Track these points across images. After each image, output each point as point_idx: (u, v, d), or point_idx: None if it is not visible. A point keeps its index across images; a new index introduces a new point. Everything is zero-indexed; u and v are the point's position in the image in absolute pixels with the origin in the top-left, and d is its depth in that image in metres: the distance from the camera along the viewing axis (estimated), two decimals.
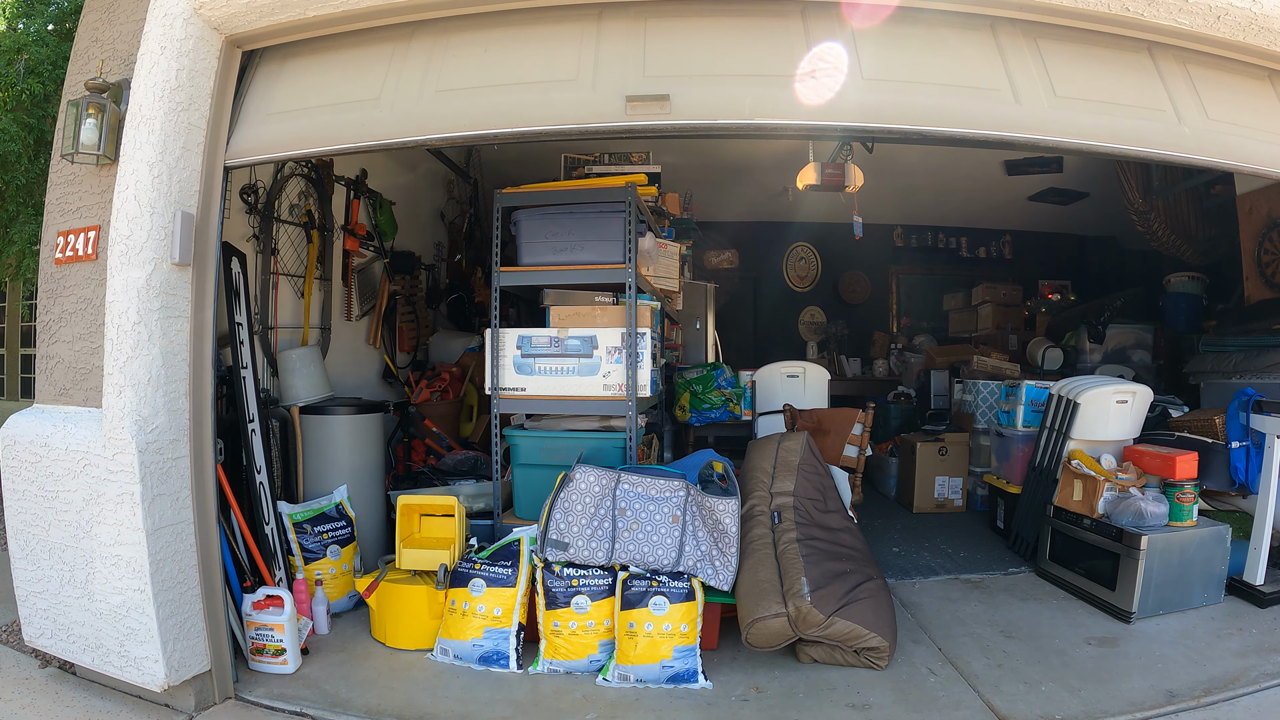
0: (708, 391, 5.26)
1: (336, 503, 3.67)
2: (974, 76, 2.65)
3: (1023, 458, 4.56)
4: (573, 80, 2.66)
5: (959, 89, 2.63)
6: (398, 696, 2.81)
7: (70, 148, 2.63)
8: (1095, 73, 2.72)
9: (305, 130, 2.78)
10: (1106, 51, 2.74)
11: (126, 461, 2.53)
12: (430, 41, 2.78)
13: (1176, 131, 2.71)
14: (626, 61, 2.66)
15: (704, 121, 2.61)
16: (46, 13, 4.82)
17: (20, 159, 4.54)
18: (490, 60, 2.74)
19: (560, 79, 2.68)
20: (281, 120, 2.83)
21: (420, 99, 2.73)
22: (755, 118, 2.59)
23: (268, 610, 2.94)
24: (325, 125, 2.76)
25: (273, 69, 2.91)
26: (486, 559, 3.15)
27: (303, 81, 2.87)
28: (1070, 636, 3.26)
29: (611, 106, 2.62)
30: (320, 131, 2.76)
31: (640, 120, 2.62)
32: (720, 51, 2.65)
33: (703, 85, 2.61)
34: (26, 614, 2.82)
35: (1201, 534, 3.48)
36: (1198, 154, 2.72)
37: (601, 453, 3.50)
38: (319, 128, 2.76)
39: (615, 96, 2.62)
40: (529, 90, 2.68)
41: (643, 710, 2.72)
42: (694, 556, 3.07)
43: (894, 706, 2.72)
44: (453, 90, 2.73)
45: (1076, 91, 2.67)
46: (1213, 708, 2.65)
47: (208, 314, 2.74)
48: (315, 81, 2.85)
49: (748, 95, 2.59)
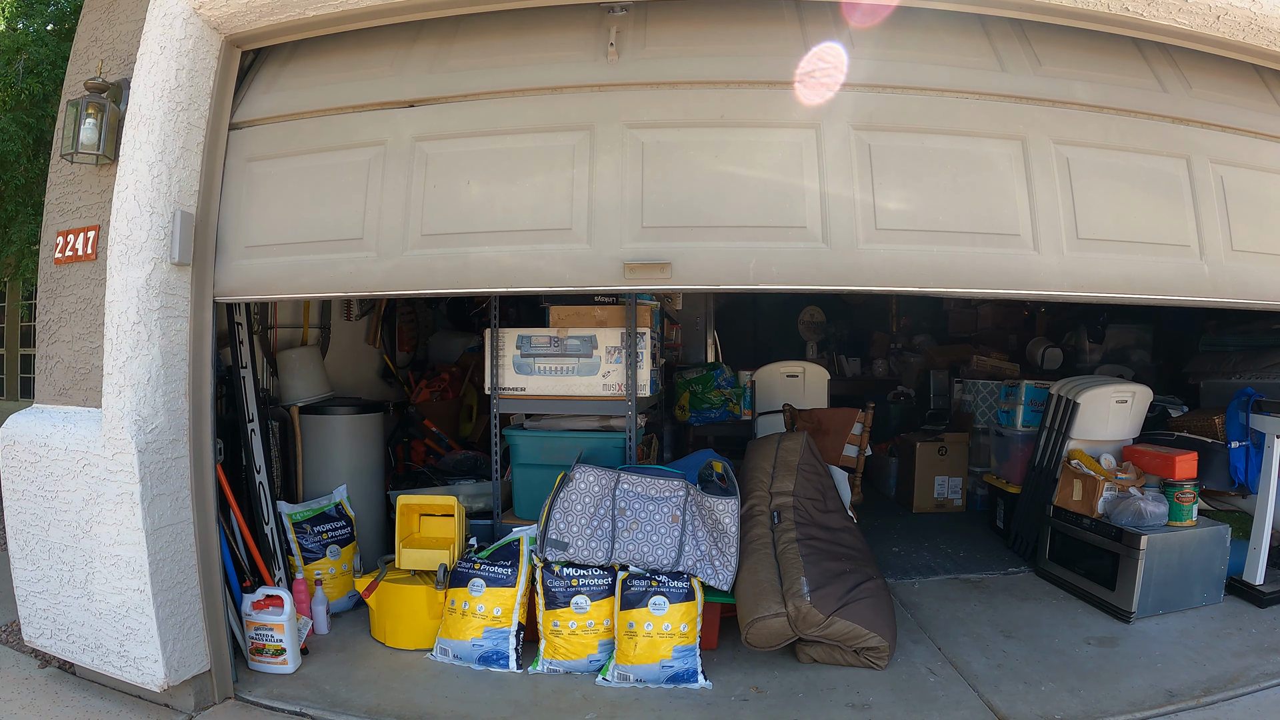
0: (707, 391, 5.26)
1: (336, 502, 3.67)
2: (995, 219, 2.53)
3: (1022, 457, 4.56)
4: (567, 230, 2.53)
5: (977, 236, 2.51)
6: (397, 696, 2.81)
7: (70, 147, 2.63)
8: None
9: (296, 270, 2.68)
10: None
11: (126, 461, 2.52)
12: (415, 171, 2.64)
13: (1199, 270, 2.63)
14: (623, 210, 2.51)
15: (706, 287, 2.53)
16: (46, 12, 4.83)
17: (19, 159, 4.54)
18: (475, 199, 2.59)
19: (553, 227, 2.54)
20: (266, 255, 2.73)
21: (405, 243, 2.60)
22: (760, 284, 2.47)
23: (267, 610, 2.94)
24: (315, 266, 2.66)
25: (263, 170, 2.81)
26: (486, 559, 3.15)
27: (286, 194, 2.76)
28: (1070, 636, 3.26)
29: (609, 269, 2.49)
30: (309, 276, 2.67)
31: (640, 286, 2.51)
32: (726, 200, 2.50)
33: (705, 241, 2.48)
34: (26, 614, 2.82)
35: (1201, 534, 3.48)
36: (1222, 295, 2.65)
37: (601, 452, 3.50)
38: (310, 267, 2.67)
39: (613, 261, 2.49)
40: (520, 240, 2.54)
41: (642, 710, 2.71)
42: (694, 556, 3.07)
43: (894, 706, 2.72)
44: (438, 235, 2.60)
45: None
46: (1212, 707, 2.65)
47: (207, 314, 2.73)
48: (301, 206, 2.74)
49: (751, 258, 2.46)
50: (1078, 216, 2.54)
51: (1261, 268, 2.70)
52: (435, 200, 2.61)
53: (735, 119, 2.53)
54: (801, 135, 2.52)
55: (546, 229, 2.54)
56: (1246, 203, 2.70)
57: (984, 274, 2.48)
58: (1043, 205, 2.52)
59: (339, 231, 2.67)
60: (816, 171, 2.50)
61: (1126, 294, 2.57)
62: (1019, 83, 2.60)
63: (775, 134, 2.54)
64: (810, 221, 2.48)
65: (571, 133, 2.58)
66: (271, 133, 2.79)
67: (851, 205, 2.47)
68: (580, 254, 2.51)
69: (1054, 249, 2.51)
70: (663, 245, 2.49)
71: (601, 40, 2.62)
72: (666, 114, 2.56)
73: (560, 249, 2.53)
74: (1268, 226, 2.73)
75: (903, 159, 2.52)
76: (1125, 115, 2.63)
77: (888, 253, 2.47)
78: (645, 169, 2.54)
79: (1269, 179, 2.75)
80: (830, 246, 2.47)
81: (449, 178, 2.62)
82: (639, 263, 2.47)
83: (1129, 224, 2.59)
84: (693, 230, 2.50)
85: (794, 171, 2.51)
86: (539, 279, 2.54)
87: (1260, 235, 2.71)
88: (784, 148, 2.53)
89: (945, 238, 2.49)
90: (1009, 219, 2.52)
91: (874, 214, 2.48)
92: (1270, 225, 2.73)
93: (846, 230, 2.47)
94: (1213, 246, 2.64)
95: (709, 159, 2.53)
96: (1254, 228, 2.70)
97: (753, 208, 2.50)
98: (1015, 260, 2.50)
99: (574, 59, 2.63)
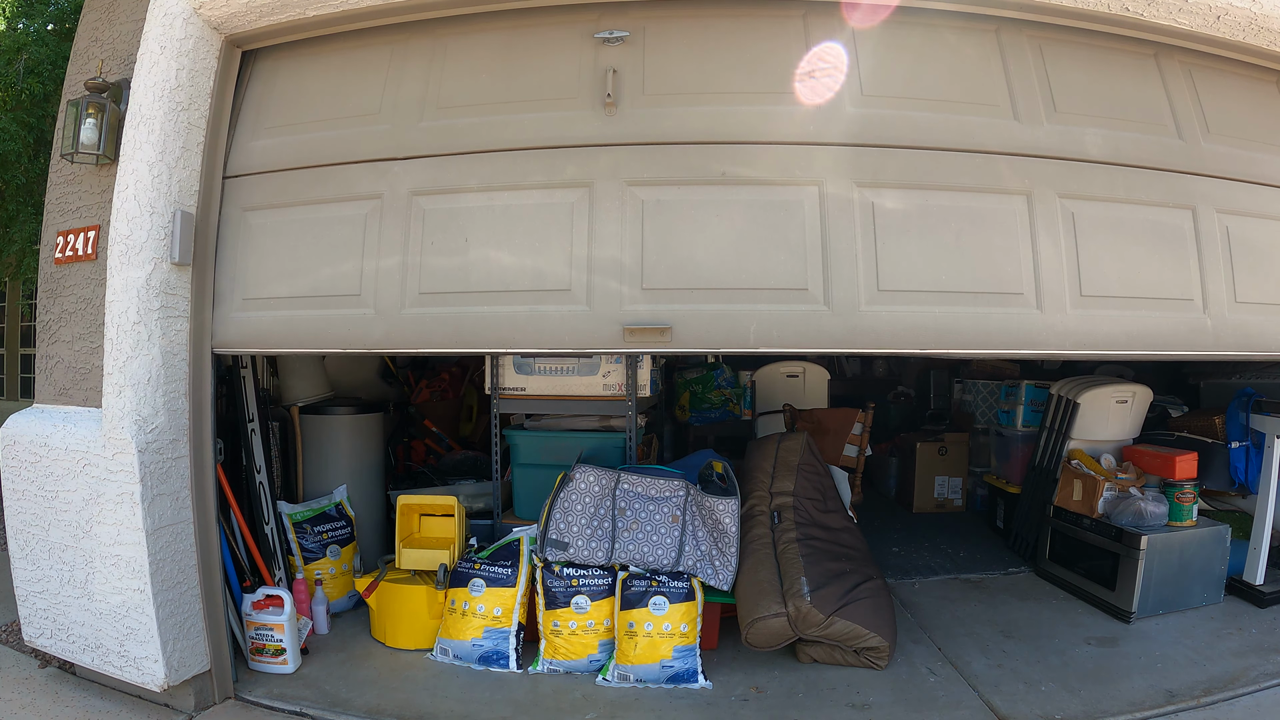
0: (708, 391, 5.26)
1: (336, 502, 3.67)
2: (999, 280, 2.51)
3: (1023, 457, 4.56)
4: (565, 291, 2.49)
5: (979, 296, 2.48)
6: (397, 696, 2.81)
7: (70, 147, 2.63)
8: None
9: (294, 326, 2.66)
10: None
11: (126, 461, 2.52)
12: (412, 227, 2.60)
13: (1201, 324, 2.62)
14: (623, 271, 2.48)
15: (706, 350, 2.50)
16: (46, 12, 4.82)
17: (20, 158, 4.54)
18: (473, 257, 2.55)
19: (551, 288, 2.50)
20: (263, 309, 2.72)
21: (403, 301, 2.58)
22: (760, 347, 2.45)
23: (267, 610, 2.94)
24: (313, 322, 2.64)
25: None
26: (486, 559, 3.15)
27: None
28: (1070, 636, 3.26)
29: (609, 332, 2.46)
30: (308, 333, 2.65)
31: (639, 349, 2.48)
32: (727, 261, 2.47)
33: (706, 304, 2.45)
34: (26, 614, 2.82)
35: (1201, 534, 3.48)
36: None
37: (601, 452, 3.50)
38: (308, 323, 2.65)
39: (612, 324, 2.46)
40: (519, 300, 2.51)
41: (642, 710, 2.71)
42: (694, 556, 3.07)
43: (894, 706, 2.72)
44: (436, 294, 2.57)
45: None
46: (1212, 707, 2.65)
47: (207, 314, 2.73)
48: (298, 259, 2.70)
49: (752, 321, 2.44)
50: (1081, 273, 2.51)
51: (1265, 318, 2.66)
52: (433, 258, 2.59)
53: (737, 176, 2.49)
54: (805, 193, 2.49)
55: (545, 290, 2.51)
56: (1251, 252, 2.66)
57: (986, 334, 2.46)
58: (1047, 262, 2.49)
59: (336, 287, 2.65)
60: (819, 231, 2.47)
61: (1129, 351, 2.54)
62: (1030, 135, 2.55)
63: (778, 191, 2.50)
64: (812, 284, 2.45)
65: (570, 189, 2.54)
66: (267, 183, 2.77)
67: (854, 266, 2.45)
68: (579, 317, 2.48)
69: (1057, 307, 2.49)
70: (663, 308, 2.46)
71: (598, 82, 2.55)
72: (668, 171, 2.51)
73: (559, 310, 2.50)
74: (1273, 276, 2.69)
75: (906, 216, 2.48)
76: (1135, 169, 2.60)
77: (889, 315, 2.44)
78: (645, 228, 2.50)
79: (1276, 227, 2.71)
80: (832, 309, 2.44)
81: (446, 234, 2.59)
82: (639, 327, 2.44)
83: (1133, 279, 2.56)
84: (693, 292, 2.47)
85: (796, 230, 2.47)
86: (538, 341, 2.51)
87: (1265, 285, 2.68)
88: (787, 206, 2.49)
89: (947, 298, 2.46)
90: (1012, 277, 2.49)
91: (876, 275, 2.46)
92: (1276, 275, 2.70)
93: (848, 292, 2.44)
94: (1216, 299, 2.61)
95: (710, 218, 2.49)
96: (1258, 278, 2.67)
97: (754, 269, 2.46)
98: (1018, 320, 2.47)
99: (570, 102, 2.57)
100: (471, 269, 2.57)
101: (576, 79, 2.60)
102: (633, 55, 2.59)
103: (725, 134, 2.52)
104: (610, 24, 2.61)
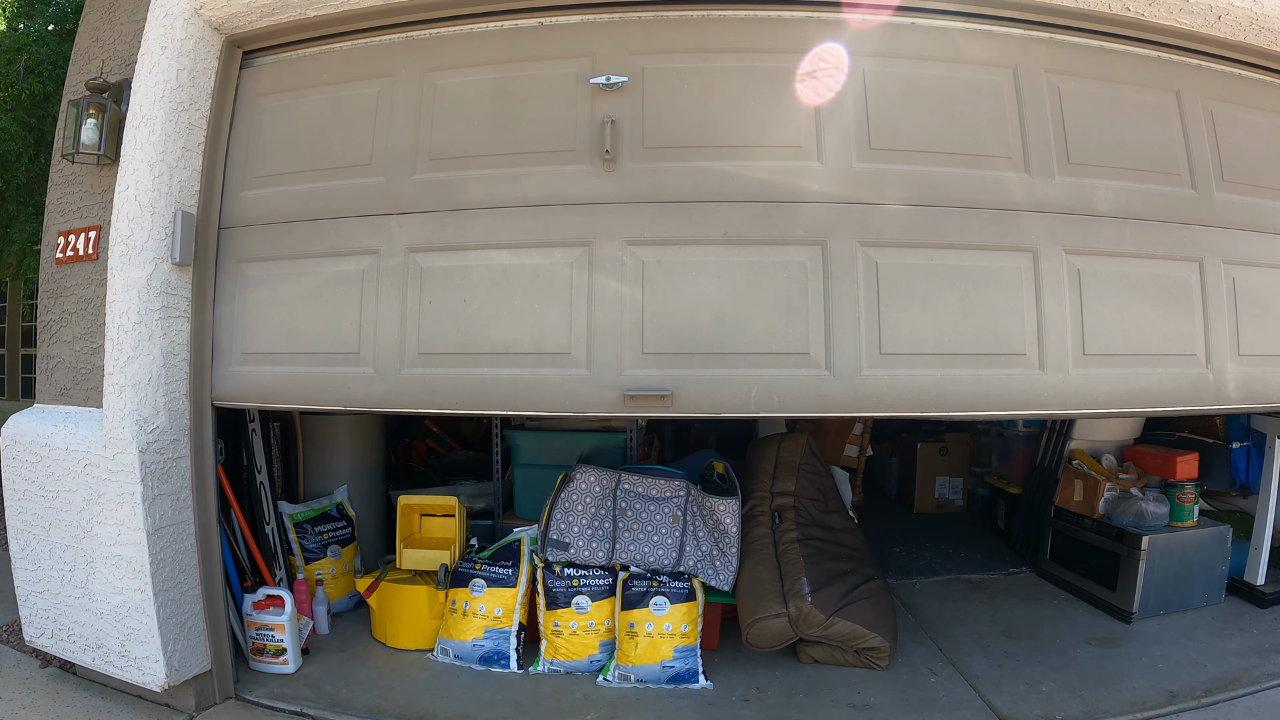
0: None
1: (337, 503, 3.67)
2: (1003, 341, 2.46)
3: (1024, 458, 4.55)
4: (566, 354, 2.45)
5: (981, 358, 2.45)
6: (398, 696, 2.81)
7: (71, 147, 2.63)
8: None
9: (294, 382, 2.65)
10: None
11: (127, 461, 2.53)
12: (410, 285, 2.57)
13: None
14: (623, 334, 2.43)
15: (706, 415, 2.45)
16: (47, 13, 4.82)
17: (21, 159, 4.54)
18: (472, 317, 2.51)
19: (551, 350, 2.46)
20: (263, 364, 2.70)
21: (402, 361, 2.55)
22: (761, 412, 2.41)
23: (268, 610, 2.94)
24: (313, 379, 2.62)
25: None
26: (487, 559, 3.15)
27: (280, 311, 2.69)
28: (1071, 637, 3.26)
29: (609, 397, 2.41)
30: (308, 389, 2.64)
31: (639, 414, 2.43)
32: (728, 325, 2.42)
33: (707, 369, 2.41)
34: (27, 614, 2.82)
35: (1202, 534, 3.48)
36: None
37: (602, 452, 3.50)
38: (307, 380, 2.63)
39: (613, 389, 2.41)
40: (519, 363, 2.47)
41: (643, 710, 2.71)
42: (695, 556, 3.07)
43: (895, 707, 2.71)
44: (435, 354, 2.54)
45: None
46: (1213, 708, 2.64)
47: (208, 314, 2.73)
48: (295, 314, 2.68)
49: (753, 386, 2.39)
50: (1085, 331, 2.48)
51: (1267, 369, 2.64)
52: (431, 317, 2.54)
53: (740, 236, 2.43)
54: (808, 253, 2.43)
55: (546, 353, 2.47)
56: (1256, 304, 2.64)
57: (987, 396, 2.42)
58: (1051, 321, 2.45)
59: (335, 344, 2.61)
60: (822, 293, 2.42)
61: (1129, 408, 2.51)
62: (1041, 190, 2.50)
63: (782, 251, 2.43)
64: (814, 348, 2.41)
65: (569, 249, 2.48)
66: (262, 235, 2.73)
67: (857, 329, 2.40)
68: (580, 381, 2.44)
69: (1059, 367, 2.45)
70: (663, 372, 2.42)
71: (596, 134, 2.48)
72: (669, 230, 2.45)
73: (560, 374, 2.46)
74: (1276, 326, 2.66)
75: (911, 276, 2.43)
76: (1144, 222, 2.56)
77: (890, 378, 2.40)
78: (646, 289, 2.44)
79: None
80: (833, 374, 2.40)
81: (445, 293, 2.54)
82: (640, 394, 2.40)
83: (1136, 336, 2.52)
84: (694, 356, 2.42)
85: (799, 292, 2.42)
86: (539, 405, 2.48)
87: (1268, 337, 2.65)
88: (790, 267, 2.43)
89: (949, 360, 2.42)
90: (1015, 337, 2.45)
91: (879, 337, 2.41)
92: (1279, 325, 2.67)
93: (850, 356, 2.40)
94: (1219, 353, 2.58)
95: (712, 279, 2.43)
96: (1262, 329, 2.64)
97: (756, 333, 2.42)
98: (1019, 381, 2.43)
99: (567, 155, 2.50)
100: (471, 330, 2.51)
101: (573, 130, 2.51)
102: (631, 103, 2.50)
103: (727, 192, 2.45)
104: (607, 63, 2.50)
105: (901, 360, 2.41)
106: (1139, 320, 2.53)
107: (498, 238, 2.53)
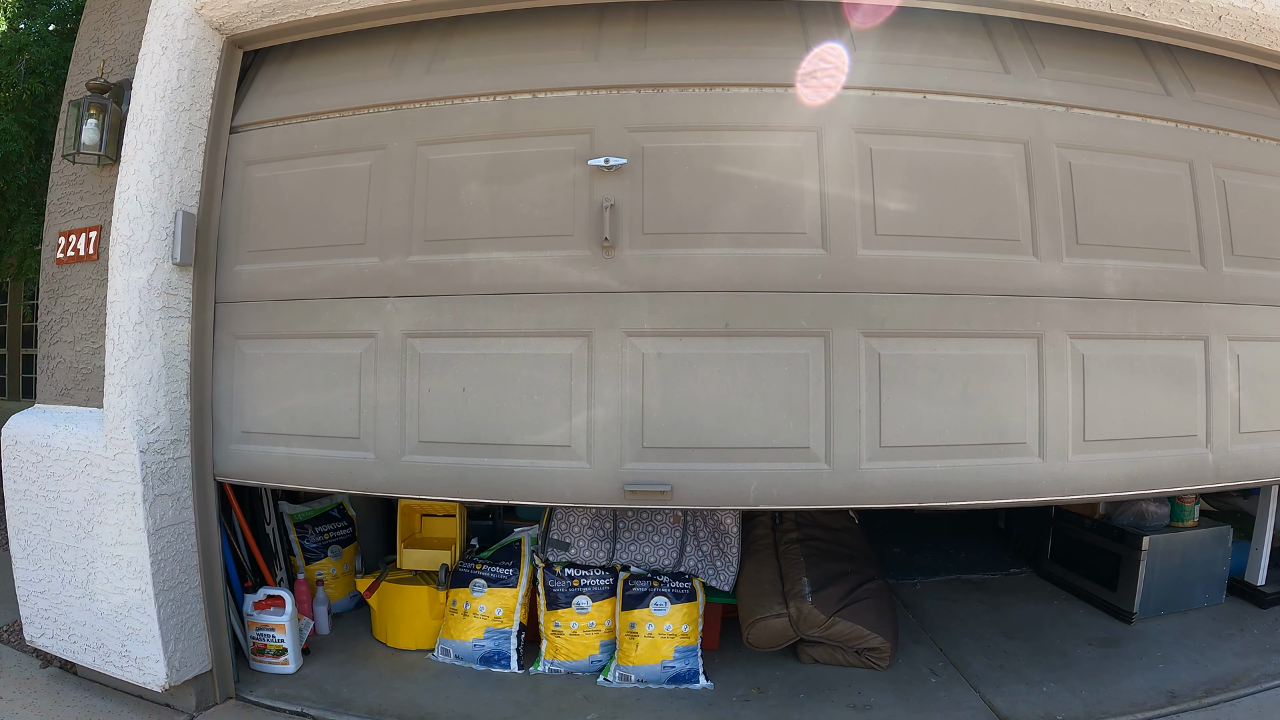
0: None
1: (338, 503, 3.67)
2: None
3: None
4: (566, 447, 2.42)
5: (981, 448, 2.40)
6: (399, 697, 2.81)
7: (71, 148, 2.63)
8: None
9: (294, 463, 2.62)
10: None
11: (128, 461, 2.53)
12: (408, 371, 2.53)
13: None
14: (623, 428, 2.40)
15: (705, 507, 2.45)
16: (48, 13, 4.83)
17: (22, 159, 4.54)
18: (472, 406, 2.47)
19: (551, 443, 2.43)
20: (263, 443, 2.67)
21: (403, 448, 2.52)
22: (760, 504, 2.38)
23: (269, 610, 2.94)
24: (313, 461, 2.60)
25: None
26: (488, 559, 3.15)
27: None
28: (1071, 637, 3.26)
29: (609, 489, 2.39)
30: (309, 471, 2.61)
31: (639, 505, 2.42)
32: (729, 419, 2.38)
33: (707, 464, 2.38)
34: (28, 614, 2.82)
35: (1203, 534, 3.48)
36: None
37: None
38: (308, 462, 2.60)
39: (613, 482, 2.39)
40: (519, 454, 2.44)
41: (644, 710, 2.71)
42: (695, 557, 3.07)
43: (895, 707, 2.71)
44: (436, 443, 2.50)
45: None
46: (1214, 708, 2.64)
47: (209, 314, 2.73)
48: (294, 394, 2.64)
49: (753, 480, 2.37)
50: (1086, 418, 2.43)
51: (1265, 445, 2.60)
52: (431, 406, 2.51)
53: (741, 328, 2.38)
54: (809, 345, 2.38)
55: (546, 445, 2.44)
56: (1260, 379, 2.60)
57: (985, 486, 2.38)
58: (1053, 409, 2.41)
59: (335, 428, 2.58)
60: (823, 386, 2.38)
61: (1126, 492, 2.48)
62: (1049, 274, 2.45)
63: (783, 344, 2.39)
64: (814, 442, 2.37)
65: (568, 339, 2.44)
66: (258, 312, 2.69)
67: (857, 422, 2.36)
68: (580, 474, 2.42)
69: (1059, 454, 2.41)
70: (663, 466, 2.39)
71: (595, 219, 2.43)
72: (669, 321, 2.41)
73: (561, 466, 2.43)
74: (1276, 401, 2.63)
75: (913, 367, 2.38)
76: (1151, 302, 2.51)
77: (889, 471, 2.36)
78: (646, 382, 2.40)
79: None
80: (833, 468, 2.37)
81: (443, 380, 2.50)
82: (639, 489, 2.38)
83: (1138, 420, 2.47)
84: (694, 451, 2.39)
85: (800, 385, 2.38)
86: (540, 495, 2.45)
87: (1268, 412, 2.61)
88: (791, 360, 2.38)
89: (949, 451, 2.38)
90: (1016, 426, 2.40)
91: (879, 431, 2.37)
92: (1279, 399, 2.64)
93: (850, 450, 2.36)
94: (1220, 433, 2.54)
95: (713, 371, 2.39)
96: (1263, 404, 2.60)
97: (756, 427, 2.38)
98: (1018, 471, 2.39)
99: (565, 240, 2.45)
100: (472, 419, 2.47)
101: (571, 213, 2.45)
102: (630, 185, 2.43)
103: (729, 281, 2.39)
104: (606, 140, 2.43)
105: (901, 453, 2.37)
106: (1141, 404, 2.48)
107: (496, 325, 2.47)
